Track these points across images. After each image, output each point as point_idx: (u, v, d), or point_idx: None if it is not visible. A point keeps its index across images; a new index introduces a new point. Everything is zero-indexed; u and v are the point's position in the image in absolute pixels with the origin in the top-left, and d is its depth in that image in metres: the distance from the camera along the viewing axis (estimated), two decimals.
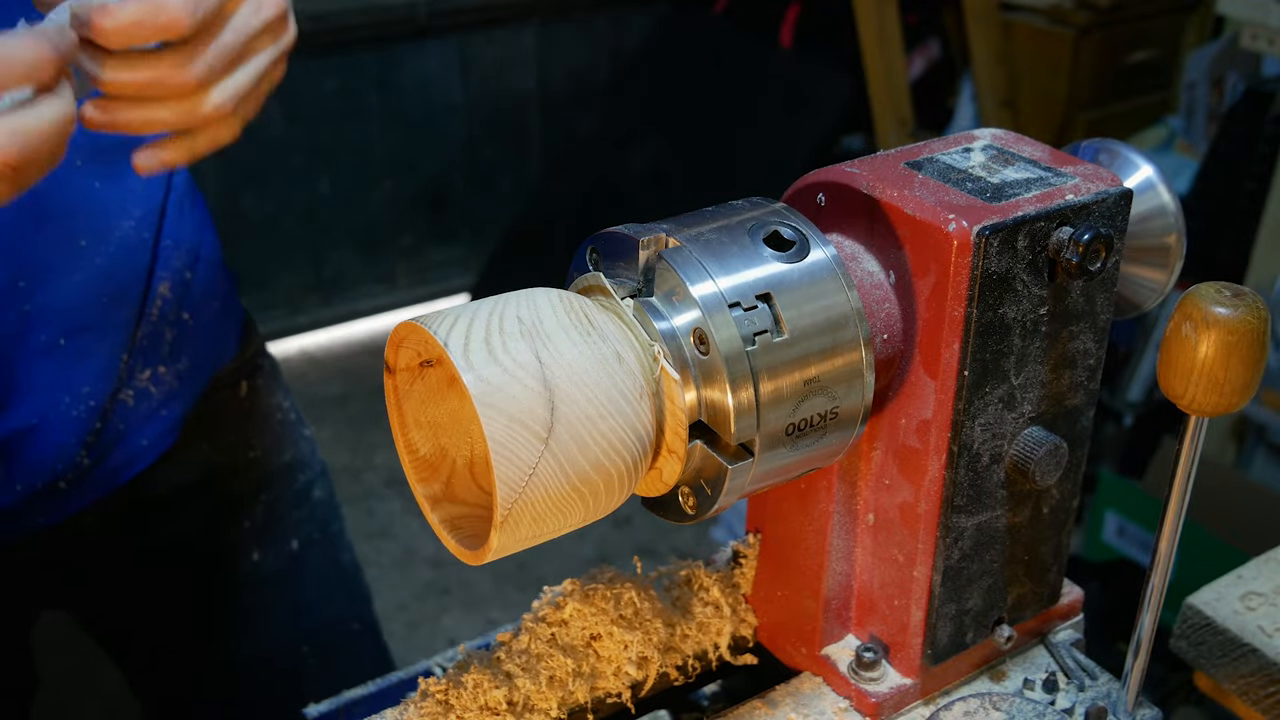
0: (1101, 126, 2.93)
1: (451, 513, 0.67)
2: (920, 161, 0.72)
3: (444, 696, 0.75)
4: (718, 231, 0.64)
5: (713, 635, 0.82)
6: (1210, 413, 0.67)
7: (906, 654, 0.77)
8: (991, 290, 0.67)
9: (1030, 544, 0.78)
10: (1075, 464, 0.77)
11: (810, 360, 0.64)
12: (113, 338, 0.98)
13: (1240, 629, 0.90)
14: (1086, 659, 0.82)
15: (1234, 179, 2.48)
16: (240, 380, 1.15)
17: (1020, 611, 0.80)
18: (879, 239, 0.70)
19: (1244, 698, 0.90)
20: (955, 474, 0.71)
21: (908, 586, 0.75)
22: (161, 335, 1.03)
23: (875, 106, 2.99)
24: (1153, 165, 0.77)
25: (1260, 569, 0.96)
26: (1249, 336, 0.64)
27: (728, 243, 0.64)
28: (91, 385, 0.97)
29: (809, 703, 0.78)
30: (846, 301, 0.65)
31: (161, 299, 1.02)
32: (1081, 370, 0.74)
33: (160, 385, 1.04)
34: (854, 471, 0.75)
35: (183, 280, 1.04)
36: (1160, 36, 3.05)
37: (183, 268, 1.04)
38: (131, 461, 1.04)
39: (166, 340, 1.04)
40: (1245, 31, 2.30)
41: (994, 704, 0.76)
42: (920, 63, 3.13)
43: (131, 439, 1.04)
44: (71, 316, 0.95)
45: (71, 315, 0.95)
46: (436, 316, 0.60)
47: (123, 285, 0.98)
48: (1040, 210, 0.67)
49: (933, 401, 0.69)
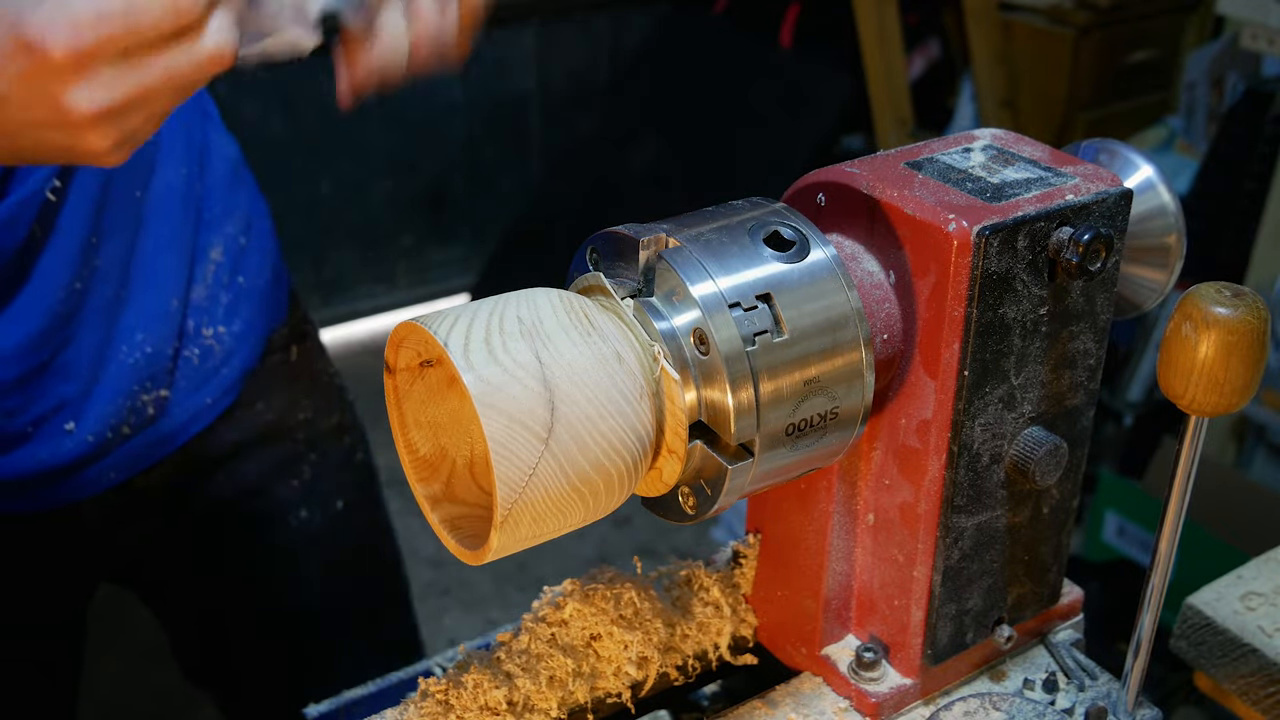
0: (1101, 126, 2.93)
1: (451, 513, 0.67)
2: (920, 161, 0.72)
3: (444, 696, 0.75)
4: (718, 231, 0.64)
5: (713, 635, 0.82)
6: (1210, 413, 0.67)
7: (906, 654, 0.77)
8: (991, 290, 0.67)
9: (1030, 544, 0.78)
10: (1075, 464, 0.77)
11: (810, 360, 0.64)
12: (163, 285, 1.04)
13: (1240, 629, 0.90)
14: (1086, 659, 0.82)
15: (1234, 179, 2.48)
16: (291, 344, 1.22)
17: (1020, 611, 0.80)
18: (879, 239, 0.70)
19: (1244, 698, 0.90)
20: (955, 474, 0.71)
21: (908, 586, 0.75)
22: (218, 297, 1.10)
23: (875, 106, 2.99)
24: (1153, 165, 0.77)
25: (1260, 569, 0.96)
26: (1249, 336, 0.64)
27: (728, 243, 0.64)
28: (145, 332, 1.04)
29: (809, 703, 0.78)
30: (846, 301, 0.65)
31: (214, 263, 1.09)
32: (1081, 370, 0.74)
33: (221, 344, 1.11)
34: (854, 471, 0.75)
35: (237, 246, 1.12)
36: (1160, 36, 3.05)
37: (236, 234, 1.11)
38: (195, 419, 1.11)
39: (222, 302, 1.11)
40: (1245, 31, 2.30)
41: (994, 704, 0.76)
42: (920, 63, 3.13)
43: (196, 396, 1.10)
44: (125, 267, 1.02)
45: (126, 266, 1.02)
46: (436, 316, 0.60)
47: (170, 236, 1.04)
48: (1040, 210, 0.67)
49: (933, 401, 0.69)
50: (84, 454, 1.03)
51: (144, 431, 1.07)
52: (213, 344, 1.10)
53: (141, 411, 1.06)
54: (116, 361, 1.03)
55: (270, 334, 1.19)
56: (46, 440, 1.01)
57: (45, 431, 1.01)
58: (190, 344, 1.09)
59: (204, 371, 1.10)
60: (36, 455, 1.01)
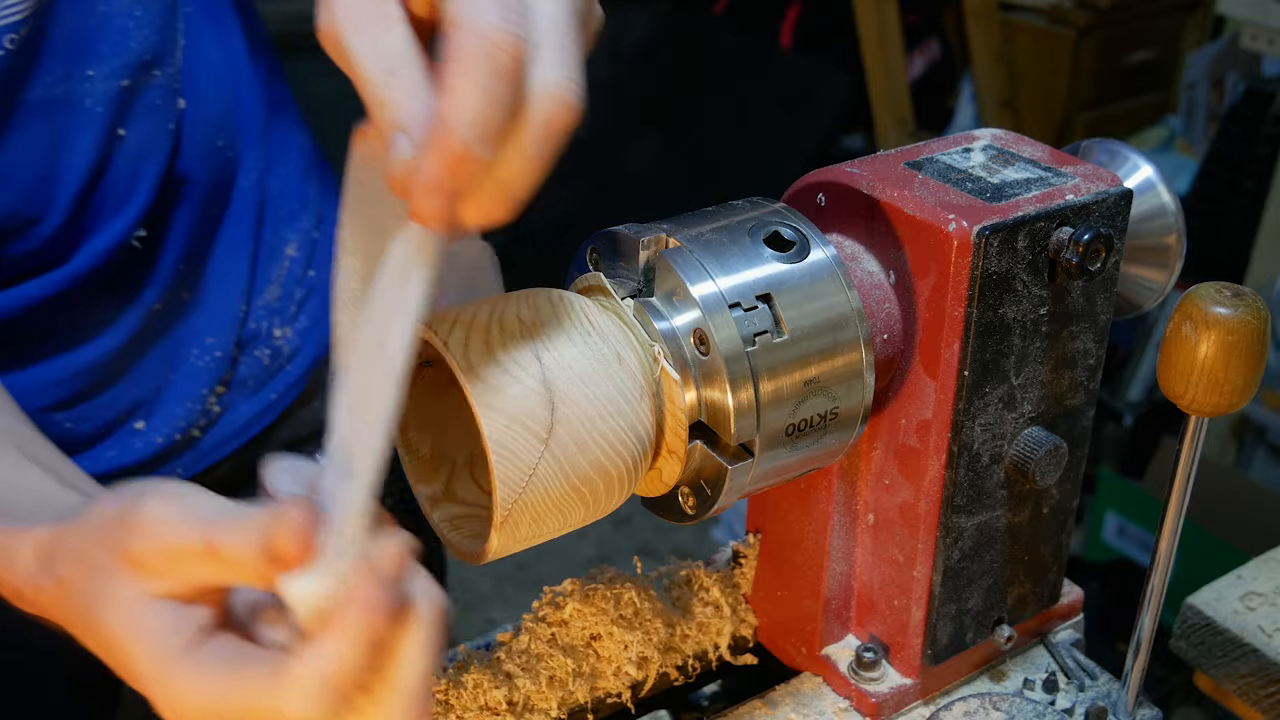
0: (1101, 126, 2.93)
1: (451, 513, 0.67)
2: (920, 161, 0.72)
3: (444, 696, 0.75)
4: (718, 231, 0.64)
5: (713, 635, 0.82)
6: (1210, 413, 0.67)
7: (906, 654, 0.77)
8: (991, 290, 0.67)
9: (1030, 544, 0.78)
10: (1075, 464, 0.77)
11: (810, 360, 0.64)
12: (234, 287, 1.03)
13: (1240, 629, 0.90)
14: (1086, 659, 0.82)
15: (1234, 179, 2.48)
16: None
17: (1020, 611, 0.80)
18: (879, 239, 0.70)
19: (1244, 698, 0.90)
20: (955, 474, 0.71)
21: (908, 586, 0.75)
22: (292, 294, 1.09)
23: (875, 106, 2.99)
24: (1153, 165, 0.77)
25: (1260, 569, 0.96)
26: (1249, 336, 0.64)
27: (728, 243, 0.64)
28: (215, 335, 1.02)
29: (809, 703, 0.78)
30: (846, 301, 0.65)
31: (289, 259, 1.07)
32: (1081, 370, 0.74)
33: (289, 343, 1.09)
34: (854, 471, 0.75)
35: (310, 240, 1.10)
36: (1160, 36, 3.05)
37: (309, 228, 1.09)
38: (259, 417, 1.09)
39: (296, 298, 1.09)
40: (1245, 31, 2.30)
41: (994, 704, 0.76)
42: (920, 63, 3.13)
43: (261, 394, 1.08)
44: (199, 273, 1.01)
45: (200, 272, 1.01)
46: (436, 316, 0.60)
47: (243, 236, 1.03)
48: (1040, 210, 0.67)
49: (933, 401, 0.69)
50: (152, 455, 1.02)
51: (210, 431, 1.06)
52: (282, 344, 1.09)
53: (209, 413, 1.05)
54: (187, 364, 1.02)
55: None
56: (116, 442, 1.00)
57: (115, 433, 1.00)
58: (261, 345, 1.07)
59: (271, 370, 1.09)
60: (105, 455, 1.00)
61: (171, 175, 0.95)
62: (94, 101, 0.88)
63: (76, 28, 0.86)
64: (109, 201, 0.92)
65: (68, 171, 0.89)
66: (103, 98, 0.88)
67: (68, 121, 0.87)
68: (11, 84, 0.83)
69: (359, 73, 0.53)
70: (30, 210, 0.88)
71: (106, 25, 0.88)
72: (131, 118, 0.91)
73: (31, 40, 0.83)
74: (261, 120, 1.06)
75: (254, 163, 1.04)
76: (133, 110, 0.91)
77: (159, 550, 0.53)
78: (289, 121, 1.11)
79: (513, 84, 0.50)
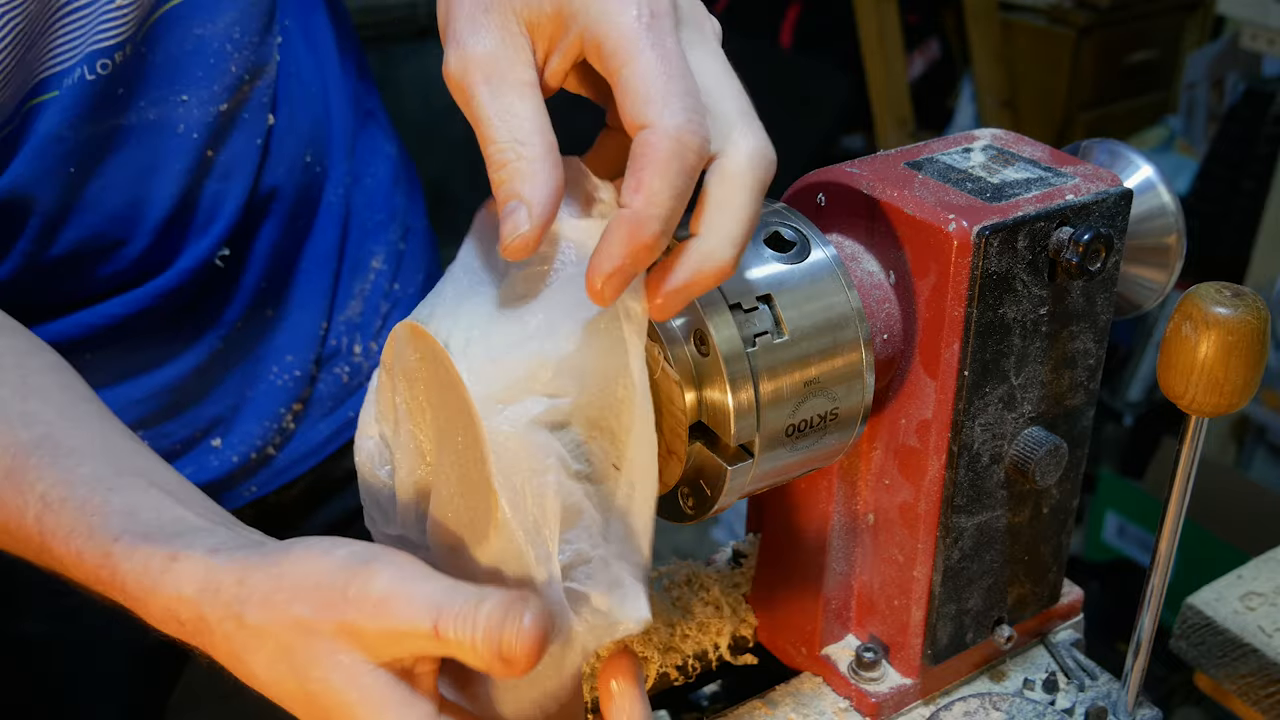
0: (1101, 126, 2.93)
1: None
2: (920, 161, 0.72)
3: None
4: None
5: (713, 635, 0.82)
6: (1210, 413, 0.67)
7: (906, 654, 0.77)
8: (991, 290, 0.67)
9: (1030, 544, 0.78)
10: (1075, 464, 0.77)
11: (810, 361, 0.64)
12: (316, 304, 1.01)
13: (1240, 629, 0.90)
14: (1086, 659, 0.82)
15: (1234, 179, 2.48)
16: None
17: (1020, 611, 0.80)
18: (879, 239, 0.70)
19: (1244, 698, 0.90)
20: (955, 474, 0.71)
21: (908, 586, 0.75)
22: (376, 308, 1.06)
23: (875, 106, 2.99)
24: (1153, 165, 0.77)
25: (1260, 569, 0.96)
26: (1249, 336, 0.64)
27: None
28: (295, 354, 1.00)
29: (809, 703, 0.78)
30: (847, 302, 0.65)
31: (375, 272, 1.05)
32: (1081, 370, 0.74)
33: (369, 359, 1.06)
34: (854, 471, 0.75)
35: (396, 252, 1.07)
36: (1160, 36, 3.05)
37: (396, 240, 1.07)
38: (336, 435, 1.06)
39: (381, 313, 1.06)
40: (1245, 31, 2.30)
41: (994, 704, 0.76)
42: (920, 63, 3.13)
43: (339, 411, 1.06)
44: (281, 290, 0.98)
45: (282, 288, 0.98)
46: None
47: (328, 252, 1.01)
48: (1040, 210, 0.67)
49: (933, 401, 0.69)
50: (228, 473, 1.00)
51: (284, 449, 1.03)
52: (361, 360, 1.06)
53: (285, 431, 1.02)
54: (266, 382, 1.00)
55: None
56: (192, 459, 0.98)
57: (192, 451, 0.98)
58: (340, 362, 1.04)
59: (350, 387, 1.06)
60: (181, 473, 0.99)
61: (257, 192, 0.93)
62: (188, 126, 0.86)
63: (173, 51, 0.84)
64: (195, 222, 0.90)
65: (157, 196, 0.87)
66: (197, 122, 0.86)
67: (159, 146, 0.85)
68: (105, 109, 0.82)
69: (485, 132, 0.56)
70: (117, 233, 0.86)
71: (203, 49, 0.85)
72: (224, 140, 0.89)
73: (128, 65, 0.81)
74: (350, 132, 1.03)
75: (341, 176, 1.01)
76: (226, 132, 0.89)
77: (386, 632, 0.54)
78: (378, 132, 1.08)
79: (694, 179, 0.54)
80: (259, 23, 0.88)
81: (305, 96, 0.96)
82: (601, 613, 0.58)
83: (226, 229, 0.91)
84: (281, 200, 0.95)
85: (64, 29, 0.77)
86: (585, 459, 0.59)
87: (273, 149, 0.93)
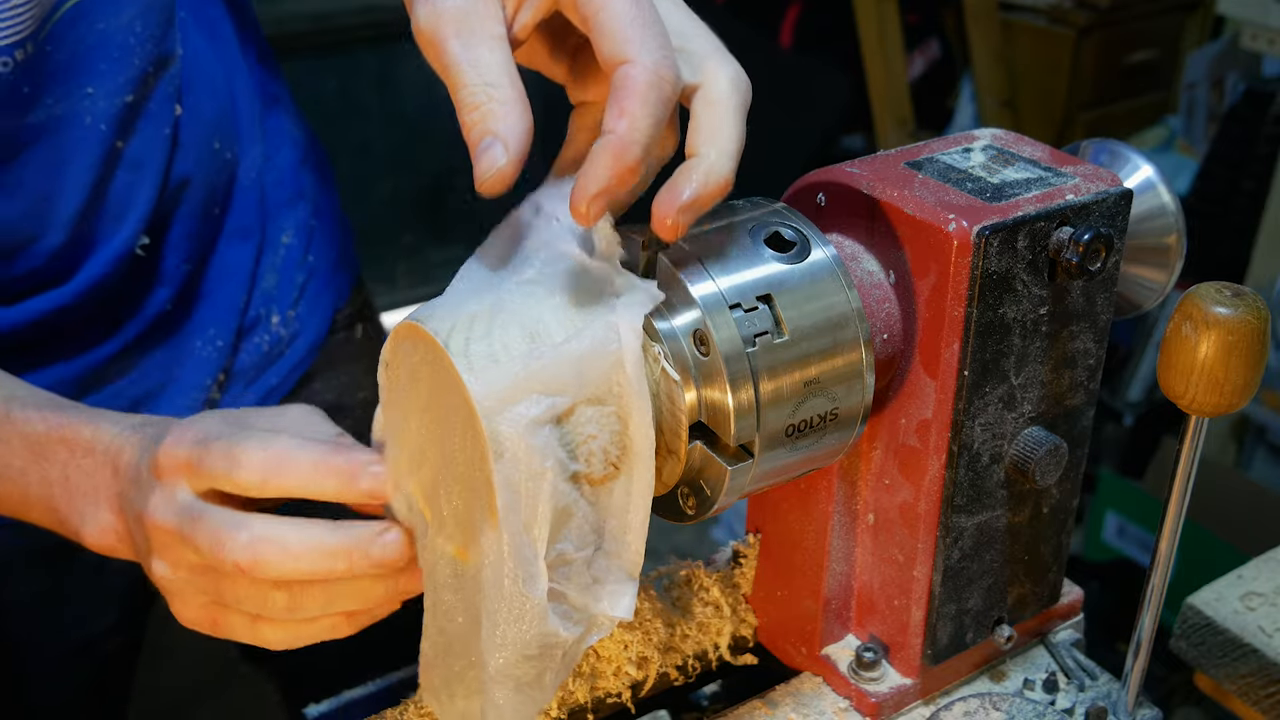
0: (1101, 126, 2.93)
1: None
2: (920, 161, 0.72)
3: None
4: (719, 232, 0.64)
5: (713, 635, 0.82)
6: (1210, 413, 0.67)
7: (906, 654, 0.77)
8: (991, 290, 0.67)
9: (1030, 544, 0.78)
10: (1075, 464, 0.77)
11: (811, 361, 0.64)
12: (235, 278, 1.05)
13: (1240, 629, 0.90)
14: (1086, 659, 0.82)
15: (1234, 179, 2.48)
16: (355, 323, 1.21)
17: (1020, 611, 0.80)
18: (879, 239, 0.70)
19: (1244, 698, 0.90)
20: (955, 474, 0.71)
21: (908, 586, 0.75)
22: (292, 278, 1.10)
23: (875, 106, 2.99)
24: (1153, 165, 0.77)
25: (1260, 569, 0.96)
26: (1249, 336, 0.64)
27: (728, 243, 0.64)
28: (217, 326, 1.04)
29: (809, 703, 0.78)
30: (847, 302, 0.65)
31: (284, 246, 1.09)
32: (1081, 370, 0.74)
33: (288, 327, 1.10)
34: (854, 471, 0.75)
35: (308, 227, 1.11)
36: (1160, 36, 3.05)
37: (307, 216, 1.11)
38: (262, 402, 1.10)
39: (296, 283, 1.11)
40: (1245, 31, 2.30)
41: (994, 704, 0.76)
42: (920, 63, 3.13)
43: (262, 380, 1.09)
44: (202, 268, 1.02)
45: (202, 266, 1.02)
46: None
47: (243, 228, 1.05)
48: (1040, 210, 0.67)
49: (933, 401, 0.69)
50: None
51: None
52: (280, 330, 1.10)
53: (212, 402, 1.05)
54: (191, 357, 1.03)
55: (335, 313, 1.18)
56: None
57: None
58: (260, 332, 1.08)
59: (270, 356, 1.10)
60: None
61: (169, 181, 0.95)
62: (94, 119, 0.87)
63: (76, 46, 0.85)
64: (109, 214, 0.92)
65: (68, 189, 0.88)
66: (104, 114, 0.88)
67: (67, 139, 0.87)
68: (11, 105, 0.83)
69: (456, 78, 0.59)
70: (30, 228, 0.88)
71: (106, 42, 0.87)
72: (131, 131, 0.91)
73: (32, 61, 0.83)
74: (257, 117, 1.06)
75: (253, 160, 1.04)
76: (133, 123, 0.91)
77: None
78: (284, 115, 1.11)
79: (669, 109, 0.58)
80: (160, 15, 0.91)
81: (210, 86, 0.99)
82: (579, 610, 0.59)
83: (143, 218, 0.93)
84: (195, 187, 0.98)
85: None
86: (583, 458, 0.59)
87: (182, 138, 0.95)
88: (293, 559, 0.62)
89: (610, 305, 0.60)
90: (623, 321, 0.59)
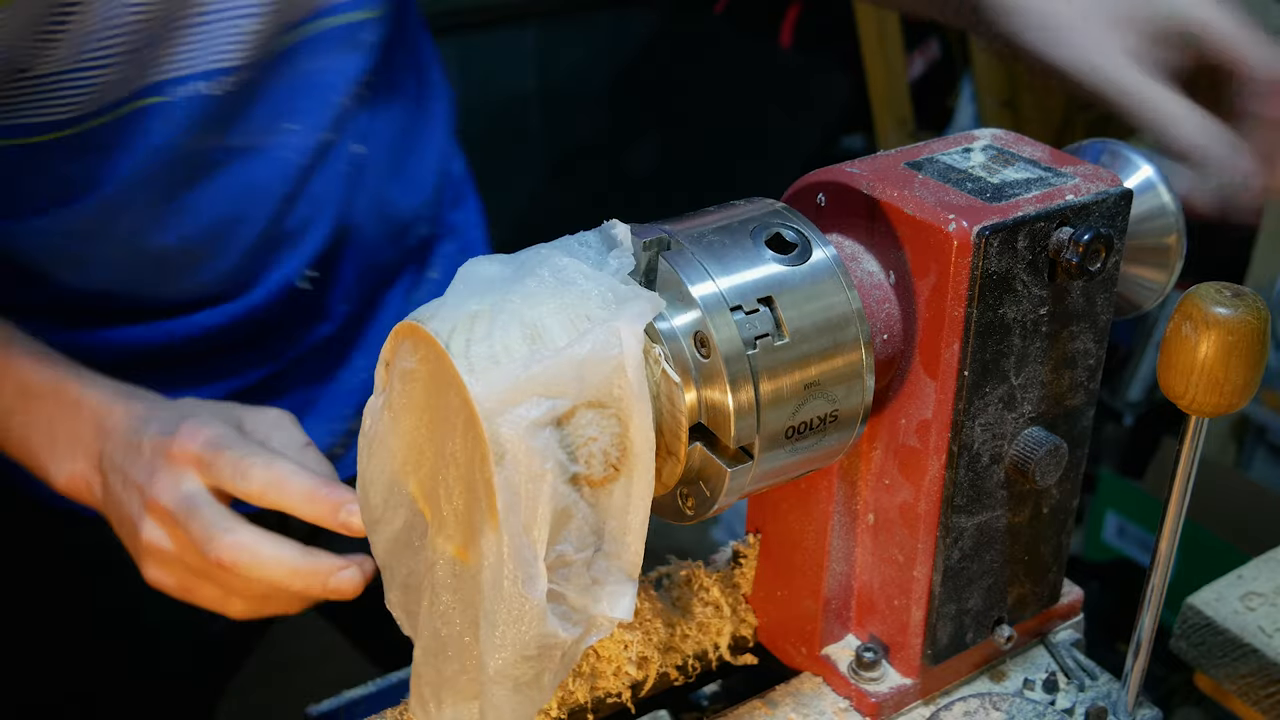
0: (1101, 126, 2.93)
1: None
2: (920, 161, 0.72)
3: None
4: (719, 232, 0.64)
5: (713, 635, 0.82)
6: (1210, 413, 0.67)
7: (906, 654, 0.77)
8: (991, 290, 0.67)
9: (1030, 544, 0.78)
10: (1075, 464, 0.77)
11: (811, 362, 0.64)
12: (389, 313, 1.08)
13: (1240, 629, 0.90)
14: (1086, 659, 0.82)
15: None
16: None
17: (1020, 611, 0.80)
18: (879, 239, 0.70)
19: (1244, 698, 0.90)
20: (955, 474, 0.71)
21: (908, 586, 0.75)
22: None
23: (875, 106, 2.99)
24: (1153, 165, 0.77)
25: (1260, 569, 0.96)
26: (1249, 336, 0.64)
27: (729, 244, 0.64)
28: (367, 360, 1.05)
29: (809, 703, 0.78)
30: (847, 302, 0.65)
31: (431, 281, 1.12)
32: (1081, 370, 0.74)
33: None
34: (854, 471, 0.75)
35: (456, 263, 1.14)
36: None
37: (455, 252, 1.15)
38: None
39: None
40: None
41: (994, 704, 0.76)
42: (920, 63, 3.13)
43: None
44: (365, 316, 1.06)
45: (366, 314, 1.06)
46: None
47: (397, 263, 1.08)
48: (1040, 210, 0.67)
49: (933, 401, 0.69)
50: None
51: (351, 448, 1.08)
52: None
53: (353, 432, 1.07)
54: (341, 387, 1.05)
55: None
56: None
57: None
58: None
59: None
60: None
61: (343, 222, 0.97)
62: (290, 153, 0.90)
63: (287, 83, 0.88)
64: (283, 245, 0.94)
65: (251, 216, 0.91)
66: (299, 149, 0.90)
67: (261, 169, 0.90)
68: (214, 128, 0.86)
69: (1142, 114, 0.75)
70: (209, 249, 0.91)
71: (314, 82, 0.90)
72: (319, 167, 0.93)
73: (241, 90, 0.85)
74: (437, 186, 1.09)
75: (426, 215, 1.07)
76: (322, 161, 0.93)
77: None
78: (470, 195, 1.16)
79: None
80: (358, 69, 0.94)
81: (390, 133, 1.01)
82: (578, 611, 0.59)
83: (313, 253, 0.96)
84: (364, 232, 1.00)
85: (185, 37, 0.81)
86: (583, 460, 0.59)
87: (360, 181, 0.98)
88: (261, 568, 0.72)
89: (612, 310, 0.60)
90: (624, 326, 0.59)
